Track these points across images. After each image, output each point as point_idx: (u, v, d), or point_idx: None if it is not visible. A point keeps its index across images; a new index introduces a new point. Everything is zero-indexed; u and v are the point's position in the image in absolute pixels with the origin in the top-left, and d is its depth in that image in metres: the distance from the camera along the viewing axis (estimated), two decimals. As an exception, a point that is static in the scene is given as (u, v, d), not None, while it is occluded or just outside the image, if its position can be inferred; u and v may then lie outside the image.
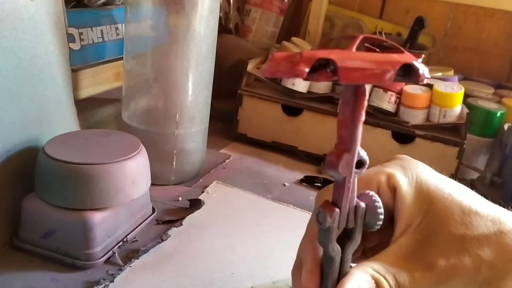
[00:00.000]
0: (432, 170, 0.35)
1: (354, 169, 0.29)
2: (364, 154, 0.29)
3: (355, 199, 0.30)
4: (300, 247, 0.36)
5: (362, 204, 0.31)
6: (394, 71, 0.26)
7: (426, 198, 0.33)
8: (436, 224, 0.32)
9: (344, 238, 0.31)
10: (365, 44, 0.29)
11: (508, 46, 1.15)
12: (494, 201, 0.34)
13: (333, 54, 0.25)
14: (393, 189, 0.33)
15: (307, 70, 0.24)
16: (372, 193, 0.31)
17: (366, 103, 0.28)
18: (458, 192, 0.33)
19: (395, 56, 0.26)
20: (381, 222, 0.31)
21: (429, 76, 0.27)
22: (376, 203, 0.31)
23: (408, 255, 0.32)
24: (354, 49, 0.27)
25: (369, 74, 0.25)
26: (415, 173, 0.34)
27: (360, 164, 0.29)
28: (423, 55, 0.28)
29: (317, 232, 0.31)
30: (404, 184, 0.33)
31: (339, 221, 0.30)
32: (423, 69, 0.27)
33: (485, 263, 0.31)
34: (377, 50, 0.28)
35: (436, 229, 0.32)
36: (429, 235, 0.32)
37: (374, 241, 0.37)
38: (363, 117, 0.28)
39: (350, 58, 0.25)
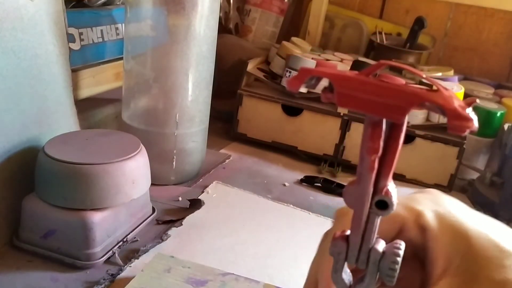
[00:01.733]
0: (465, 205, 0.34)
1: (366, 207, 0.26)
2: (391, 196, 0.25)
3: (373, 240, 0.28)
4: (313, 265, 0.34)
5: (379, 250, 0.28)
6: (407, 108, 0.22)
7: (463, 239, 0.31)
8: (477, 267, 0.30)
9: (360, 278, 0.29)
10: (424, 77, 0.25)
11: (508, 46, 1.15)
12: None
13: (333, 75, 0.23)
14: (421, 227, 0.32)
15: (298, 84, 0.24)
16: (399, 244, 0.28)
17: (382, 135, 0.24)
18: (495, 231, 0.32)
19: (419, 91, 0.22)
20: (392, 279, 0.28)
21: (473, 128, 0.21)
22: (394, 256, 0.27)
23: None
24: (368, 74, 0.24)
25: (371, 105, 0.23)
26: (448, 210, 0.33)
27: (382, 205, 0.26)
28: (478, 100, 0.23)
29: None
30: (435, 224, 0.32)
31: (347, 255, 0.28)
32: (459, 114, 0.21)
33: None
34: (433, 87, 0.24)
35: (477, 273, 0.30)
36: (470, 279, 0.30)
37: None
38: (376, 149, 0.24)
39: (354, 82, 0.23)
